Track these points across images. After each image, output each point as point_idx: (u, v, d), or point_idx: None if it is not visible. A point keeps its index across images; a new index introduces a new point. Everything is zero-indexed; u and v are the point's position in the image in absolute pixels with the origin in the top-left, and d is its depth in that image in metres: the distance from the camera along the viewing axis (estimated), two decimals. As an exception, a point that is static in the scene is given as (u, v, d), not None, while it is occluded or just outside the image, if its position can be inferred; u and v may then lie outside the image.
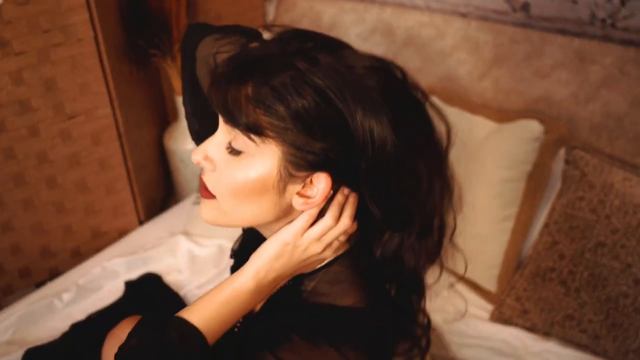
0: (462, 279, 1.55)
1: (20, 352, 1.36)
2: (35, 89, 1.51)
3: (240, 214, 0.70)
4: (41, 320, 1.49)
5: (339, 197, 0.70)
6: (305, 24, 2.18)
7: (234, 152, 0.67)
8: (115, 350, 1.15)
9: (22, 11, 1.40)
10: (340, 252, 0.75)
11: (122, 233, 1.85)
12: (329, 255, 0.73)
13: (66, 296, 1.55)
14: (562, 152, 1.57)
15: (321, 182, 0.66)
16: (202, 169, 0.72)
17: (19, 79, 1.47)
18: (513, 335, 1.43)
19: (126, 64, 1.75)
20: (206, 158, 0.70)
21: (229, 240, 1.71)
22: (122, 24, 1.72)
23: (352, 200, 0.71)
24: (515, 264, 1.53)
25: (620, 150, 1.55)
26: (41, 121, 1.56)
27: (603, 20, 1.58)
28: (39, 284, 1.73)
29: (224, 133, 0.69)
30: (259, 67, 0.64)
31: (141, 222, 1.91)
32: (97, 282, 1.60)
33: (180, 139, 2.05)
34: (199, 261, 1.68)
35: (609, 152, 1.55)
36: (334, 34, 0.80)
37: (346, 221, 0.71)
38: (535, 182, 1.50)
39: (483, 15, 1.82)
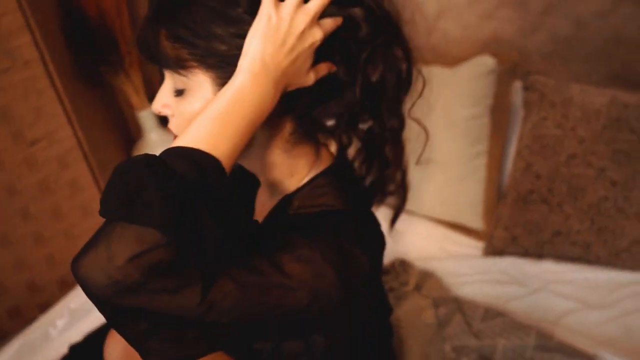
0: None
1: (22, 383, 1.33)
2: (-9, 119, 1.50)
3: None
4: (39, 351, 1.45)
5: None
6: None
7: (178, 93, 0.70)
8: (117, 345, 1.14)
9: (-37, 41, 1.40)
10: (322, 169, 0.76)
11: (107, 255, 1.83)
12: (320, 37, 0.66)
13: (60, 323, 1.52)
14: (518, 84, 1.61)
15: None
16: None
17: (-28, 111, 1.47)
18: (509, 264, 1.44)
19: (79, 84, 1.75)
20: (163, 105, 0.73)
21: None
22: (67, 43, 1.72)
23: None
24: (496, 198, 1.55)
25: (575, 72, 1.59)
26: (2, 151, 1.54)
27: (530, -50, 1.63)
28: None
29: (167, 81, 0.72)
30: (165, 9, 0.67)
31: (124, 241, 1.89)
32: (89, 304, 1.57)
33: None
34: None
35: (565, 77, 1.59)
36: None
37: None
38: (499, 114, 1.54)
39: (418, -27, 1.86)
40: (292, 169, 0.76)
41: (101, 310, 0.55)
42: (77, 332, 1.49)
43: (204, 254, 0.55)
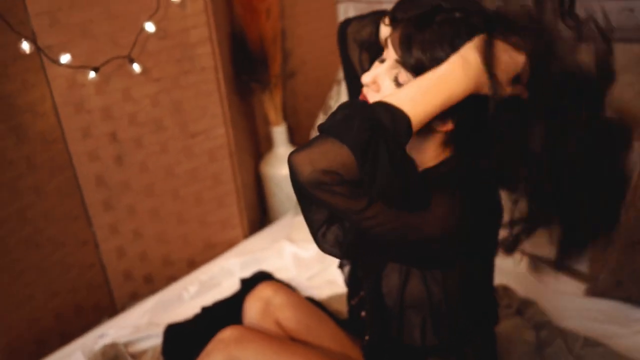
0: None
1: (157, 330, 1.53)
2: (167, 110, 1.78)
3: None
4: (172, 308, 1.67)
5: None
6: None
7: (398, 85, 0.87)
8: (255, 302, 1.32)
9: (162, 44, 1.70)
10: (449, 154, 0.93)
11: (230, 245, 2.04)
12: (522, 62, 0.80)
13: (192, 289, 1.73)
14: (637, 144, 1.68)
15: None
16: (365, 88, 0.91)
17: (155, 101, 1.75)
18: (611, 307, 1.49)
19: (234, 94, 2.02)
20: (373, 81, 0.90)
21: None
22: (231, 59, 2.01)
23: None
24: (604, 245, 1.61)
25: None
26: (170, 139, 1.82)
27: (661, 24, 1.74)
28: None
29: (391, 69, 0.88)
30: (428, 19, 0.84)
31: (245, 237, 2.10)
32: (217, 279, 1.78)
33: (276, 165, 2.28)
34: (303, 261, 1.84)
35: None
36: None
37: None
38: (615, 166, 1.62)
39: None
40: (434, 152, 0.93)
41: (297, 193, 0.79)
42: (203, 301, 1.69)
43: (374, 181, 0.75)
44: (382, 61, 0.91)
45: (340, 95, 2.28)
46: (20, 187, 1.54)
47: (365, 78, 0.90)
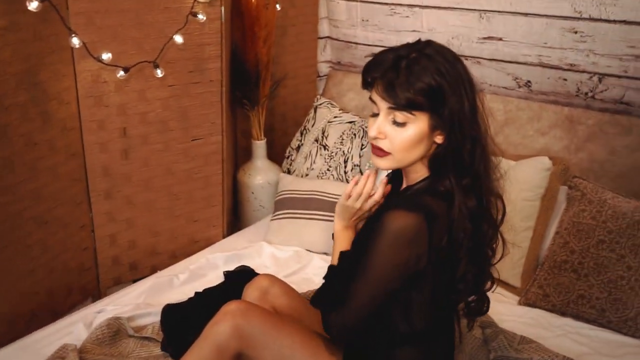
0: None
1: (155, 309, 1.62)
2: (175, 114, 1.89)
3: (407, 158, 1.12)
4: (164, 292, 1.76)
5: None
6: (350, 97, 2.66)
7: (399, 125, 1.08)
8: (254, 291, 1.46)
9: (180, 55, 1.83)
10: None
11: (209, 243, 2.14)
12: (367, 208, 1.23)
13: (182, 277, 1.83)
14: (564, 188, 1.99)
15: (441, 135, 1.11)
16: (373, 140, 1.12)
17: (166, 105, 1.86)
18: (538, 315, 1.76)
19: (230, 106, 2.16)
20: (380, 133, 1.10)
21: (303, 248, 2.04)
22: (229, 75, 2.15)
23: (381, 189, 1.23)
24: (534, 265, 1.90)
25: (605, 186, 1.99)
26: (173, 140, 1.92)
27: (586, 93, 2.10)
28: (136, 280, 1.98)
29: (385, 117, 1.09)
30: (406, 67, 1.05)
31: (224, 236, 2.22)
32: (204, 270, 1.89)
33: (253, 175, 2.42)
34: (280, 261, 1.98)
35: (595, 189, 1.98)
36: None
37: (366, 197, 1.22)
38: (547, 202, 1.92)
39: (495, 90, 2.33)
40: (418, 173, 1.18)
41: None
42: (191, 289, 1.79)
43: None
44: (375, 115, 1.12)
45: (315, 119, 2.49)
46: (40, 168, 1.60)
47: (372, 133, 1.10)
